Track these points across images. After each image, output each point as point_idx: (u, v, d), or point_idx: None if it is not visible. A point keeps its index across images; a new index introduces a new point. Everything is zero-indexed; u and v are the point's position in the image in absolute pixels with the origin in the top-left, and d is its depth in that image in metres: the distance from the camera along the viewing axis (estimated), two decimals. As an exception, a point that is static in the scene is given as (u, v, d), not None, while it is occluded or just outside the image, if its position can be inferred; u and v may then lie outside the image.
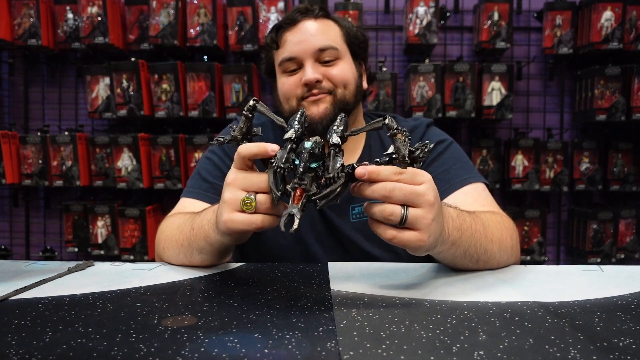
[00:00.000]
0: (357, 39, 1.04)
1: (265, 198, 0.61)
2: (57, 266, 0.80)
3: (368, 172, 0.57)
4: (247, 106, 0.63)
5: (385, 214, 0.58)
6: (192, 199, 0.96)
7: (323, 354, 0.45)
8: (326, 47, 0.97)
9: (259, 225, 0.61)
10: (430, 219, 0.59)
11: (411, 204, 0.58)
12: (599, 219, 2.09)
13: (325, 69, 0.97)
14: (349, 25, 1.04)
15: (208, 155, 1.02)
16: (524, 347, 0.47)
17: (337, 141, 0.59)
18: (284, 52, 0.99)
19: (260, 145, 0.61)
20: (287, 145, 0.60)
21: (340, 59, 0.99)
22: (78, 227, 2.21)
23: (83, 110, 2.31)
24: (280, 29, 1.00)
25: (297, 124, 0.62)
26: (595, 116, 2.02)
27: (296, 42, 0.97)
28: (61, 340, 0.48)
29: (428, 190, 0.59)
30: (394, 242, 0.59)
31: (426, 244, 0.60)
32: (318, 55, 0.97)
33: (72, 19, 2.14)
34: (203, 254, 0.76)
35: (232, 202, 0.62)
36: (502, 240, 0.78)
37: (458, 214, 0.72)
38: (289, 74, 0.99)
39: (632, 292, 0.66)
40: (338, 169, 0.57)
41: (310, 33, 0.97)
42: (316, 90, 0.96)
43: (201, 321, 0.54)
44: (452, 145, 1.02)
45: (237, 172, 0.63)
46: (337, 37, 1.00)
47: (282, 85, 1.00)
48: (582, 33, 2.05)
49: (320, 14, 1.00)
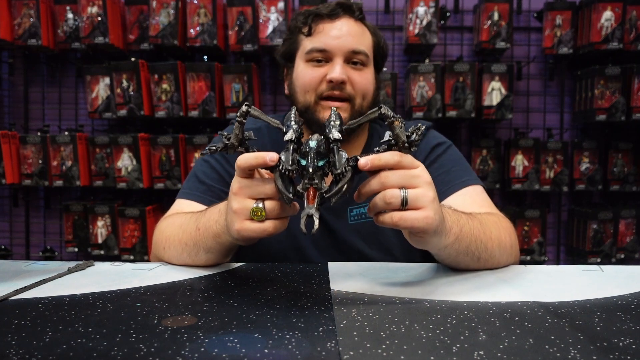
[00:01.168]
0: (383, 52, 1.04)
1: (273, 205, 0.61)
2: (57, 266, 0.80)
3: (370, 161, 0.59)
4: (240, 112, 0.62)
5: (387, 198, 0.59)
6: (189, 201, 0.95)
7: (323, 354, 0.45)
8: (360, 51, 0.97)
9: (271, 232, 0.62)
10: (431, 196, 0.60)
11: (409, 186, 0.60)
12: (599, 219, 2.09)
13: (351, 72, 0.97)
14: (379, 37, 1.04)
15: (205, 157, 1.02)
16: (524, 347, 0.47)
17: (339, 136, 0.59)
18: (317, 41, 0.97)
19: (258, 156, 0.60)
20: (288, 146, 0.60)
21: (366, 66, 0.99)
22: (78, 227, 2.21)
23: (83, 110, 2.31)
24: (317, 16, 0.99)
25: (294, 124, 0.61)
26: (595, 116, 2.02)
27: (334, 36, 0.96)
28: (61, 340, 0.48)
29: (423, 171, 0.61)
30: (401, 224, 0.59)
31: (434, 222, 0.60)
32: (350, 56, 0.96)
33: (72, 19, 2.14)
34: (210, 253, 0.76)
35: (241, 211, 0.63)
36: (501, 238, 0.78)
37: (453, 211, 0.73)
38: (313, 64, 0.98)
39: (632, 292, 0.66)
40: (344, 163, 0.58)
41: (349, 32, 0.97)
42: (337, 91, 0.95)
43: (201, 321, 0.54)
44: (451, 148, 1.02)
45: (241, 180, 0.63)
46: (369, 45, 1.00)
47: (303, 75, 0.98)
48: (582, 33, 2.05)
49: (360, 17, 1.00)
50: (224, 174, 0.97)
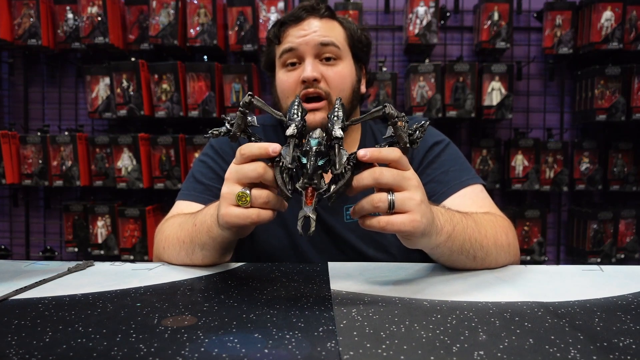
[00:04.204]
0: (361, 42, 1.04)
1: (260, 192, 0.61)
2: (57, 266, 0.80)
3: (370, 152, 0.59)
4: (243, 102, 0.63)
5: (374, 202, 0.59)
6: (188, 202, 0.96)
7: (323, 354, 0.45)
8: (328, 42, 0.96)
9: (255, 220, 0.62)
10: (418, 199, 0.60)
11: (397, 188, 0.60)
12: (599, 219, 2.09)
13: (324, 69, 0.97)
14: (353, 27, 1.03)
15: (202, 158, 1.03)
16: (524, 347, 0.47)
17: (341, 134, 0.59)
18: (285, 44, 0.98)
19: (261, 146, 0.61)
20: (290, 142, 0.59)
21: (340, 60, 0.99)
22: (78, 227, 2.21)
23: (83, 110, 2.31)
24: (284, 24, 1.00)
25: (296, 117, 0.61)
26: (595, 116, 2.02)
27: (299, 35, 0.97)
28: (61, 340, 0.48)
29: (413, 174, 0.62)
30: (388, 228, 0.60)
31: (421, 225, 0.60)
32: (319, 50, 0.96)
33: (72, 19, 2.14)
34: (205, 250, 0.76)
35: (228, 196, 0.63)
36: (497, 237, 0.78)
37: (446, 210, 0.73)
38: (287, 68, 0.99)
39: (632, 292, 0.66)
40: (345, 163, 0.58)
41: (314, 29, 0.97)
42: (312, 89, 0.95)
43: (201, 321, 0.54)
44: (450, 146, 1.02)
45: (234, 166, 0.64)
46: (340, 37, 1.00)
47: (281, 82, 1.00)
48: (582, 33, 2.05)
49: (326, 14, 1.00)
50: (221, 173, 0.98)
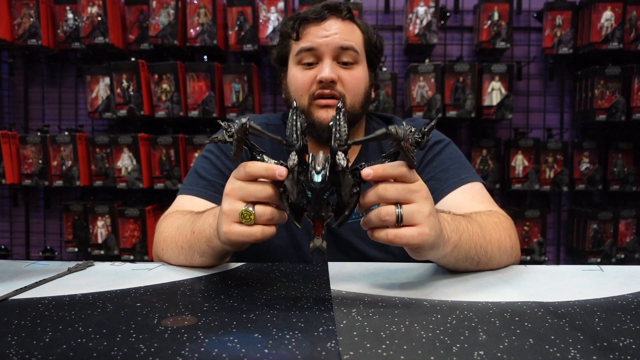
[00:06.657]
0: (376, 48, 1.04)
1: (264, 210, 0.60)
2: (57, 266, 0.80)
3: (374, 170, 0.58)
4: (237, 128, 0.57)
5: (381, 215, 0.58)
6: (190, 196, 0.95)
7: (323, 354, 0.45)
8: (348, 46, 0.97)
9: (259, 238, 0.60)
10: (426, 211, 0.59)
11: (405, 201, 0.59)
12: (599, 219, 2.09)
13: (341, 72, 0.97)
14: (370, 32, 1.04)
15: (205, 154, 1.02)
16: (524, 347, 0.47)
17: (345, 164, 0.57)
18: (305, 42, 0.98)
19: (268, 168, 0.59)
20: (293, 174, 0.57)
21: (357, 64, 0.99)
22: (78, 227, 2.21)
23: (83, 110, 2.31)
24: (305, 20, 0.99)
25: (295, 140, 0.58)
26: (595, 116, 2.02)
27: (321, 35, 0.97)
28: (61, 340, 0.48)
29: (422, 186, 0.60)
30: (397, 241, 0.59)
31: (429, 238, 0.59)
32: (339, 53, 0.97)
33: (72, 19, 2.14)
34: (204, 257, 0.76)
35: (230, 213, 0.61)
36: (501, 241, 0.78)
37: (452, 217, 0.71)
38: (304, 66, 0.98)
39: (632, 292, 0.66)
40: (349, 191, 0.58)
41: (336, 30, 0.97)
42: (328, 90, 0.95)
43: (201, 321, 0.54)
44: (450, 146, 1.02)
45: (235, 181, 0.62)
46: (358, 41, 1.00)
47: (295, 79, 0.99)
48: (582, 33, 2.05)
49: (348, 16, 1.00)
50: (224, 169, 0.98)
